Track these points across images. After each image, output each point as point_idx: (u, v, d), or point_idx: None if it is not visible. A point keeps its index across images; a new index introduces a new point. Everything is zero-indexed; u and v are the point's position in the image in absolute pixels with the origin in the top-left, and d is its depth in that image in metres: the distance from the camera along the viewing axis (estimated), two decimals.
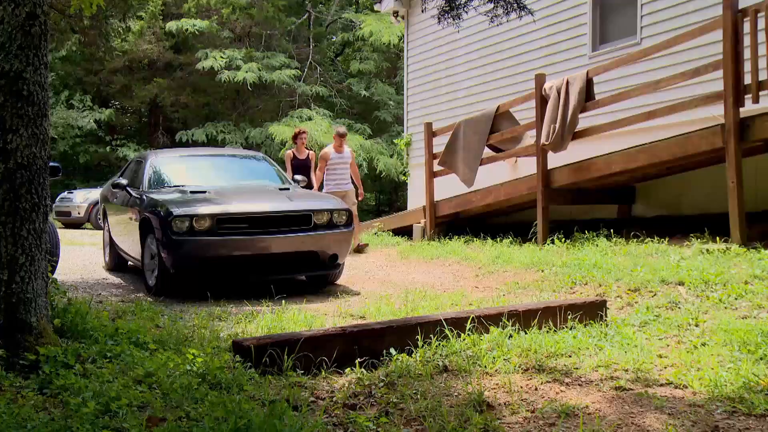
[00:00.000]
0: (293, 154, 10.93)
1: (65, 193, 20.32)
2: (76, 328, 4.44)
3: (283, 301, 6.42)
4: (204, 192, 7.63)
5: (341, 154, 10.73)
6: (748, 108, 7.20)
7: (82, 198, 19.33)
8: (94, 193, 18.12)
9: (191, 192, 7.67)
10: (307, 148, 11.31)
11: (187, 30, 23.21)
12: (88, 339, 4.36)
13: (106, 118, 25.03)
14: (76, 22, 11.87)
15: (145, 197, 7.85)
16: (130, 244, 8.22)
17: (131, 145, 25.26)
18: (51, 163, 5.42)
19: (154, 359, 4.06)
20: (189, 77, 25.05)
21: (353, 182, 10.96)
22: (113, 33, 13.58)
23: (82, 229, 18.96)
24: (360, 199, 11.07)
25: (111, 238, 9.30)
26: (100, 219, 11.84)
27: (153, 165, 8.70)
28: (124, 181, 8.61)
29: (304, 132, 11.14)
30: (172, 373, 3.79)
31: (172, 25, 23.39)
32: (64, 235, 13.90)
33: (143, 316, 5.65)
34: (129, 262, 9.07)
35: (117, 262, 9.40)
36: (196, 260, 6.98)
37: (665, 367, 4.06)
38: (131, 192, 8.36)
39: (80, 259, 10.72)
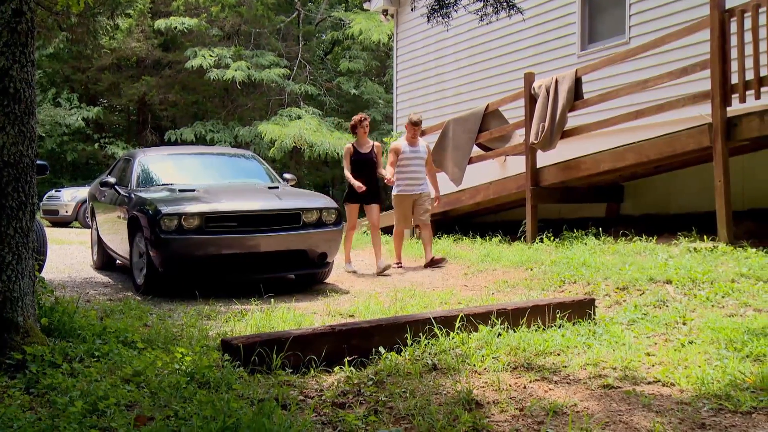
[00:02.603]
0: (353, 148, 8.80)
1: (53, 191, 20.20)
2: (63, 327, 4.41)
3: (272, 300, 6.41)
4: (193, 190, 7.61)
5: (415, 147, 8.88)
6: (735, 107, 7.24)
7: (69, 196, 19.22)
8: (82, 192, 18.01)
9: (180, 190, 7.65)
10: (367, 139, 8.95)
11: (175, 28, 23.11)
12: (75, 338, 4.33)
13: (94, 116, 24.89)
14: (63, 19, 11.80)
15: (133, 196, 7.82)
16: (119, 242, 8.18)
17: (119, 144, 25.12)
18: (38, 162, 5.39)
19: (143, 358, 4.04)
20: (178, 75, 24.94)
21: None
22: (101, 31, 13.49)
23: (70, 227, 18.86)
24: (436, 203, 9.15)
25: (99, 237, 9.26)
26: (88, 217, 11.81)
27: (141, 163, 8.66)
28: (112, 180, 8.57)
29: (365, 119, 8.85)
30: (161, 372, 3.78)
31: (160, 23, 23.28)
32: (52, 233, 13.83)
33: (131, 314, 5.63)
34: (117, 261, 9.03)
35: (105, 260, 9.37)
36: (185, 259, 6.96)
37: (653, 365, 4.08)
38: (119, 190, 8.32)
39: (68, 257, 10.67)
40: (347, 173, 8.74)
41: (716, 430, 3.11)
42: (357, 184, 8.50)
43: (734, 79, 7.21)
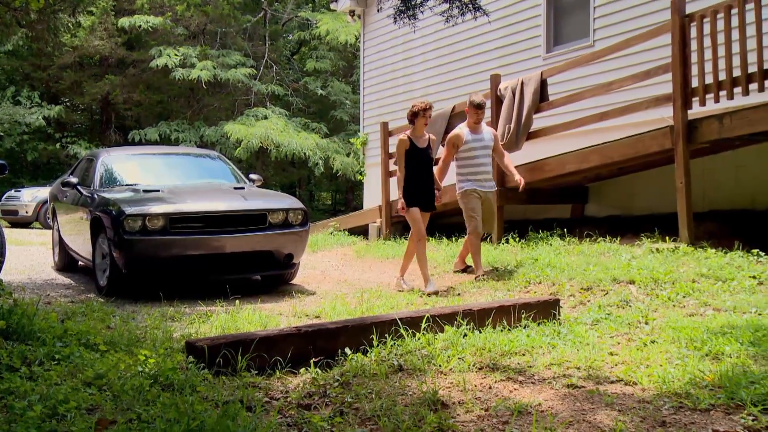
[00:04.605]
0: (409, 140, 7.22)
1: (12, 191, 19.83)
2: (22, 329, 4.32)
3: (238, 301, 6.37)
4: (157, 191, 7.53)
5: (479, 135, 7.48)
6: (696, 110, 7.37)
7: (30, 196, 18.88)
8: (43, 192, 17.72)
9: (144, 191, 7.56)
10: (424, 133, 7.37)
11: (140, 26, 22.81)
12: (35, 341, 4.25)
13: (55, 114, 24.45)
14: (22, 15, 11.56)
15: (96, 196, 7.70)
16: (81, 243, 8.06)
17: (82, 143, 24.72)
18: None
19: (105, 361, 3.98)
20: (142, 74, 24.64)
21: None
22: (62, 28, 13.26)
23: (30, 228, 18.52)
24: (521, 188, 7.62)
25: (60, 238, 9.10)
26: (49, 218, 11.61)
27: (105, 163, 8.54)
28: (74, 180, 8.44)
29: (428, 108, 7.23)
30: (123, 375, 3.73)
31: (124, 22, 22.96)
32: (11, 234, 13.58)
33: (94, 317, 5.54)
34: (79, 262, 8.89)
35: (67, 262, 9.22)
36: (149, 260, 6.88)
37: (616, 365, 4.13)
38: (82, 191, 8.20)
39: (28, 259, 10.47)
40: (399, 174, 7.21)
41: (676, 427, 3.16)
42: (399, 205, 7.18)
43: (695, 82, 7.33)
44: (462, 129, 7.51)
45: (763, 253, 6.54)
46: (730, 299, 5.49)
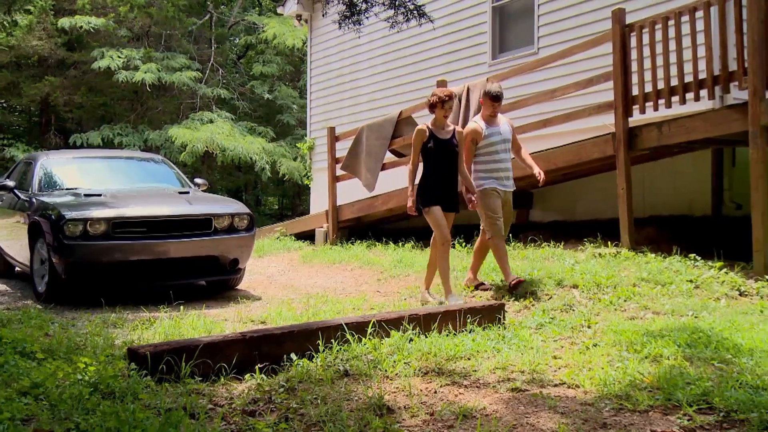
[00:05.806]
0: (428, 130, 6.49)
1: None
2: None
3: (182, 307, 6.27)
4: (99, 195, 7.37)
5: (497, 128, 6.75)
6: (637, 118, 7.56)
7: None
8: None
9: (85, 195, 7.39)
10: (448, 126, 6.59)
11: (81, 27, 22.27)
12: None
13: None
14: None
15: (34, 200, 7.50)
16: (18, 249, 7.83)
17: (20, 146, 23.96)
18: None
19: (42, 369, 3.87)
20: (84, 76, 24.05)
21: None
22: None
23: None
24: (540, 183, 6.99)
25: None
26: None
27: (44, 166, 8.32)
28: (11, 183, 8.21)
29: (449, 98, 6.48)
30: (62, 383, 3.63)
31: (64, 22, 22.38)
32: None
33: (31, 324, 5.39)
34: (16, 268, 8.64)
35: (3, 268, 8.95)
36: (91, 265, 6.73)
37: (559, 368, 4.20)
38: (19, 195, 7.98)
39: None
40: (410, 167, 6.70)
41: (616, 429, 3.23)
42: (408, 203, 6.68)
43: (635, 90, 7.51)
44: (478, 122, 6.81)
45: (700, 258, 6.74)
46: (669, 303, 5.64)
